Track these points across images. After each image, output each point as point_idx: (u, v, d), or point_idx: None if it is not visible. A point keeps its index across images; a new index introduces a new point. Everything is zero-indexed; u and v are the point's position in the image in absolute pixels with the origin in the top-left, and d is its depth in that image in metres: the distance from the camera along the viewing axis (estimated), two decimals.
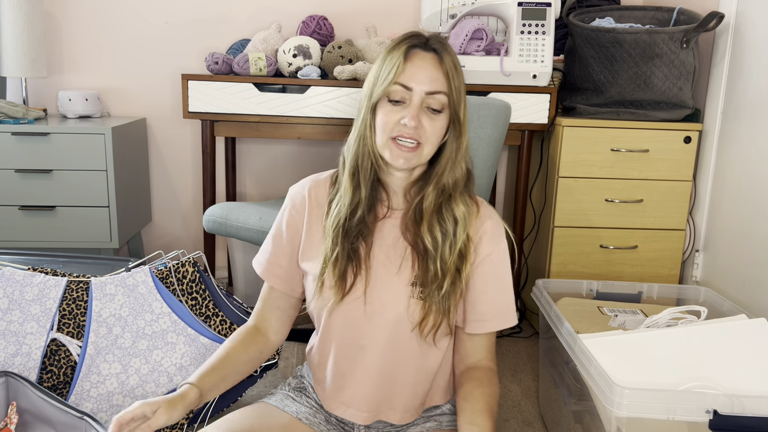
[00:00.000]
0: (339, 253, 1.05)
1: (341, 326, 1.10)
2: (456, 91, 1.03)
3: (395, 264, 1.07)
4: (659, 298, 1.70)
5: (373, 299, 1.07)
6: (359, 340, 1.09)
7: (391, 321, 1.06)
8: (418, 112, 1.01)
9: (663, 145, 2.01)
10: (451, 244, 1.05)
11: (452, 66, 1.03)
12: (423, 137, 1.02)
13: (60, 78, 2.49)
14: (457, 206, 1.07)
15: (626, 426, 1.10)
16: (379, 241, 1.09)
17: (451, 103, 1.03)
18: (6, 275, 1.55)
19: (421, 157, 1.04)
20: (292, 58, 2.07)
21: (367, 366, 1.10)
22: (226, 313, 1.65)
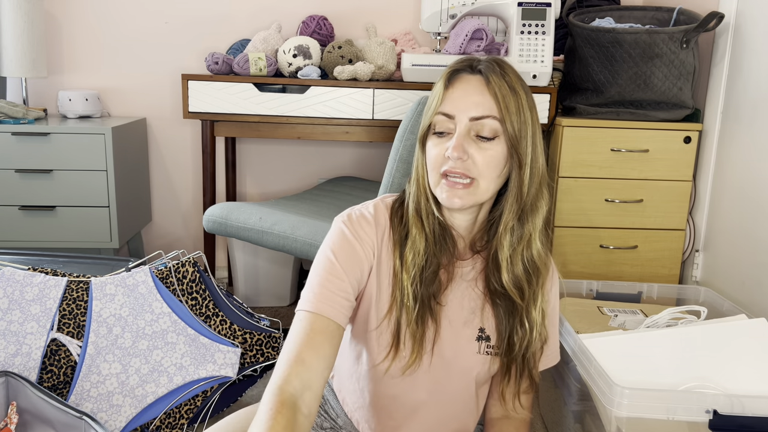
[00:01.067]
0: (418, 312, 0.92)
1: (399, 384, 0.99)
2: (512, 114, 0.90)
3: (463, 318, 0.98)
4: (659, 298, 1.70)
5: (441, 354, 0.98)
6: (415, 396, 1.00)
7: (456, 376, 1.00)
8: (462, 141, 0.89)
9: (663, 145, 2.01)
10: (535, 296, 0.96)
11: (505, 87, 0.91)
12: (474, 171, 0.90)
13: (60, 78, 2.49)
14: (535, 251, 0.95)
15: (626, 426, 1.10)
16: (451, 296, 0.98)
17: (506, 129, 0.90)
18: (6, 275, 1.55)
19: (477, 195, 0.91)
20: (292, 58, 2.07)
21: (421, 421, 1.03)
22: (226, 313, 1.65)
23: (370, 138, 2.11)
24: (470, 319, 0.99)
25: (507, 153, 0.91)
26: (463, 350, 0.99)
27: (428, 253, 0.94)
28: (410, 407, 1.01)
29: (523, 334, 0.96)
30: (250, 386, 1.66)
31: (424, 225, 0.95)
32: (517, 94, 0.92)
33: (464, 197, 0.91)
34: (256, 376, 1.62)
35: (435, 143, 0.93)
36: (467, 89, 0.92)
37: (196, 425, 1.54)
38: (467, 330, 0.99)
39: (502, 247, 0.94)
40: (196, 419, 1.54)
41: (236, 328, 1.63)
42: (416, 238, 0.95)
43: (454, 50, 2.09)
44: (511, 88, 0.92)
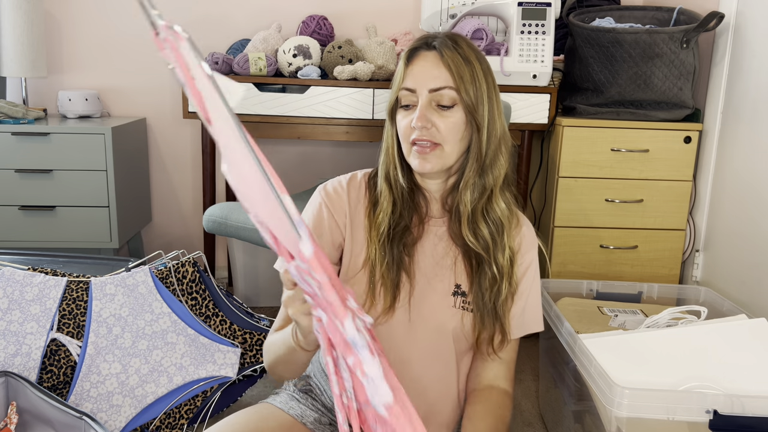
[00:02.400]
0: (389, 262, 1.01)
1: (383, 338, 1.04)
2: (466, 83, 0.98)
3: (437, 273, 1.04)
4: (659, 298, 1.70)
5: (418, 309, 1.03)
6: (401, 353, 1.04)
7: (433, 332, 1.03)
8: (424, 112, 0.98)
9: (663, 145, 2.00)
10: (502, 246, 1.02)
11: (459, 59, 0.99)
12: (438, 137, 0.99)
13: (60, 78, 2.49)
14: (500, 206, 1.03)
15: (626, 426, 1.10)
16: (421, 251, 1.05)
17: (463, 98, 0.98)
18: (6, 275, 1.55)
19: (444, 158, 1.00)
20: (292, 58, 2.07)
21: (409, 379, 1.05)
22: (226, 313, 1.65)
23: (370, 138, 2.11)
24: (444, 275, 1.04)
25: (466, 118, 1.00)
26: (438, 305, 1.03)
27: (397, 213, 1.03)
28: (398, 365, 1.05)
29: (492, 282, 1.02)
30: (250, 386, 1.65)
31: (392, 189, 1.04)
32: (471, 64, 1.00)
33: (433, 161, 0.99)
34: (256, 376, 1.62)
35: (402, 116, 1.02)
36: (425, 65, 1.00)
37: (196, 425, 1.54)
38: (442, 285, 1.04)
39: (464, 203, 1.02)
40: (196, 419, 1.54)
41: (236, 328, 1.63)
42: (385, 201, 1.04)
43: None
44: (465, 58, 1.00)
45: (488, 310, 1.02)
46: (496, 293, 1.01)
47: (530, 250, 1.08)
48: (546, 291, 1.61)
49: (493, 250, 1.02)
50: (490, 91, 1.01)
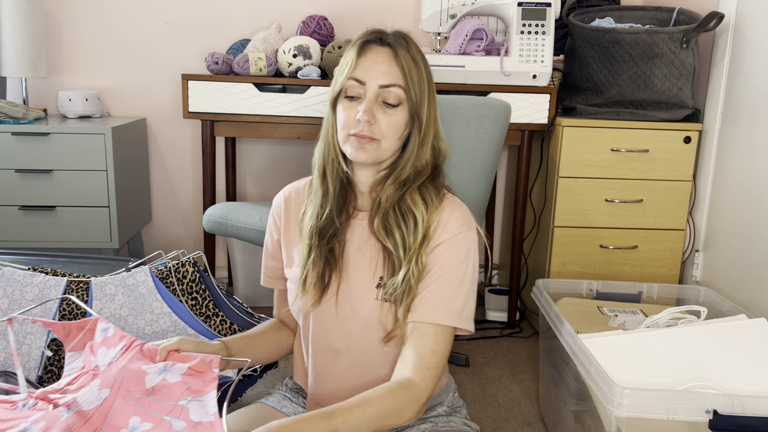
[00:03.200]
0: (316, 255, 1.05)
1: (315, 329, 1.09)
2: (415, 84, 1.00)
3: (362, 266, 1.05)
4: (659, 298, 1.70)
5: (345, 301, 1.06)
6: (332, 343, 1.08)
7: (360, 324, 1.05)
8: (371, 106, 0.99)
9: (663, 145, 2.01)
10: (412, 241, 1.00)
11: (410, 60, 1.00)
12: (378, 133, 1.00)
13: (60, 78, 2.49)
14: (414, 201, 1.02)
15: (626, 426, 1.10)
16: (350, 243, 1.07)
17: (410, 98, 1.00)
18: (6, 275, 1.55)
19: (380, 152, 1.01)
20: (292, 58, 2.07)
21: (341, 370, 1.09)
22: (226, 313, 1.65)
23: None
24: (370, 267, 1.05)
25: (408, 118, 1.02)
26: (364, 296, 1.05)
27: (326, 207, 1.06)
28: (330, 355, 1.09)
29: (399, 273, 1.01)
30: (250, 386, 1.65)
31: (327, 178, 1.06)
32: (419, 66, 1.01)
33: (369, 151, 1.00)
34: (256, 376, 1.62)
35: (346, 106, 1.02)
36: (377, 59, 1.00)
37: None
38: (366, 277, 1.05)
39: (386, 197, 1.03)
40: None
41: (236, 328, 1.63)
42: (316, 192, 1.07)
43: (454, 50, 2.09)
44: (414, 60, 1.01)
45: (399, 301, 1.01)
46: (404, 284, 0.99)
47: (444, 233, 1.02)
48: (546, 291, 1.61)
49: (402, 243, 1.01)
50: (431, 95, 1.04)
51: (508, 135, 2.10)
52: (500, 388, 1.83)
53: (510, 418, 1.66)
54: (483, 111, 1.72)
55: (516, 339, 2.18)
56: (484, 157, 1.74)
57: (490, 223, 2.63)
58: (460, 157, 1.68)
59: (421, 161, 1.04)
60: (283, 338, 1.22)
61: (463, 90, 2.04)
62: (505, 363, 1.99)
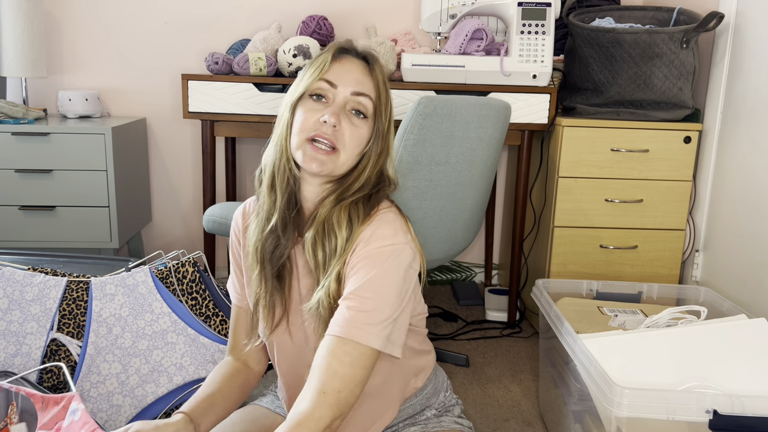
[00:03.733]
0: (264, 280, 1.00)
1: (279, 357, 1.08)
2: (383, 103, 0.98)
3: (309, 290, 1.00)
4: (659, 298, 1.70)
5: (296, 330, 1.03)
6: (297, 370, 1.06)
7: (314, 349, 1.01)
8: (339, 111, 0.94)
9: (663, 145, 2.01)
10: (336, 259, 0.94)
11: (382, 80, 0.99)
12: (341, 142, 0.94)
13: (60, 78, 2.49)
14: (339, 220, 0.94)
15: (626, 426, 1.10)
16: (297, 269, 1.01)
17: (378, 113, 0.97)
18: (6, 275, 1.55)
19: (336, 165, 0.95)
20: (292, 58, 2.07)
21: None
22: (226, 313, 1.65)
23: None
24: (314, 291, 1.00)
25: (370, 135, 0.98)
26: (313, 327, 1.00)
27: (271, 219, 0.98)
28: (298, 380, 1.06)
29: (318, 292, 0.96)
30: None
31: (276, 188, 0.99)
32: (387, 90, 1.01)
33: (324, 162, 0.94)
34: None
35: (309, 107, 0.96)
36: (352, 67, 0.98)
37: None
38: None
39: (323, 212, 0.96)
40: None
41: None
42: (263, 205, 1.01)
43: (454, 50, 2.09)
44: (385, 82, 1.00)
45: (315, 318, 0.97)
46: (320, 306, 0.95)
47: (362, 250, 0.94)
48: (546, 291, 1.61)
49: (324, 262, 0.96)
50: (391, 121, 1.02)
51: (508, 135, 2.10)
52: (500, 388, 1.83)
53: (510, 418, 1.66)
54: (483, 111, 1.72)
55: (516, 339, 2.18)
56: (484, 157, 1.74)
57: (490, 223, 2.63)
58: (460, 157, 1.68)
59: (360, 181, 0.98)
60: (244, 383, 1.11)
61: (463, 90, 2.04)
62: (505, 363, 1.99)
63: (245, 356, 1.13)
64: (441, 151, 1.62)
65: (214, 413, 1.03)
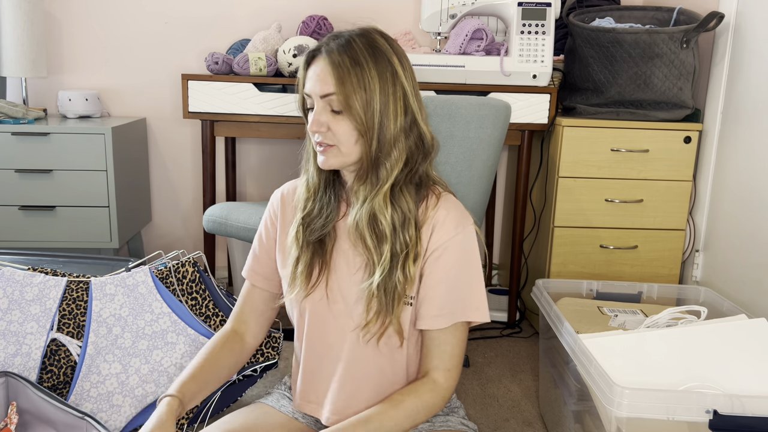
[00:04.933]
0: (305, 249, 1.07)
1: (309, 323, 1.10)
2: (348, 88, 0.97)
3: (351, 263, 1.07)
4: (659, 298, 1.70)
5: (336, 298, 1.07)
6: (326, 339, 1.09)
7: (355, 319, 1.05)
8: (318, 117, 1.00)
9: (663, 145, 2.01)
10: (390, 239, 1.01)
11: (344, 63, 0.97)
12: (333, 139, 1.01)
13: (60, 78, 2.49)
14: (385, 208, 1.01)
15: (626, 426, 1.10)
16: (341, 239, 1.08)
17: (348, 103, 0.98)
18: (6, 275, 1.55)
19: (343, 156, 1.02)
20: (292, 58, 2.07)
21: (335, 367, 1.09)
22: (226, 313, 1.65)
23: None
24: (358, 265, 1.06)
25: (357, 120, 0.99)
26: (354, 292, 1.06)
27: (315, 203, 1.08)
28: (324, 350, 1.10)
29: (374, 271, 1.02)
30: (250, 386, 1.66)
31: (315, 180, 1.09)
32: (360, 66, 0.98)
33: (332, 158, 1.02)
34: (256, 376, 1.62)
35: (307, 119, 1.05)
36: (316, 70, 1.01)
37: (196, 425, 1.54)
38: (357, 282, 1.06)
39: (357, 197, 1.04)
40: (196, 419, 1.54)
41: None
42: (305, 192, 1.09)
43: (454, 50, 2.09)
44: (354, 61, 0.98)
45: (378, 298, 1.02)
46: (383, 284, 1.01)
47: (443, 234, 1.03)
48: (546, 291, 1.61)
49: (376, 247, 1.02)
50: (386, 91, 0.99)
51: (508, 135, 2.09)
52: (500, 388, 1.83)
53: (510, 418, 1.66)
54: (483, 111, 1.72)
55: (516, 339, 2.18)
56: (484, 157, 1.74)
57: (490, 223, 2.63)
58: (460, 157, 1.68)
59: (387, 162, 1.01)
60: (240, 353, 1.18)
61: (463, 90, 2.04)
62: (505, 363, 1.99)
63: (245, 328, 1.20)
64: (441, 151, 1.62)
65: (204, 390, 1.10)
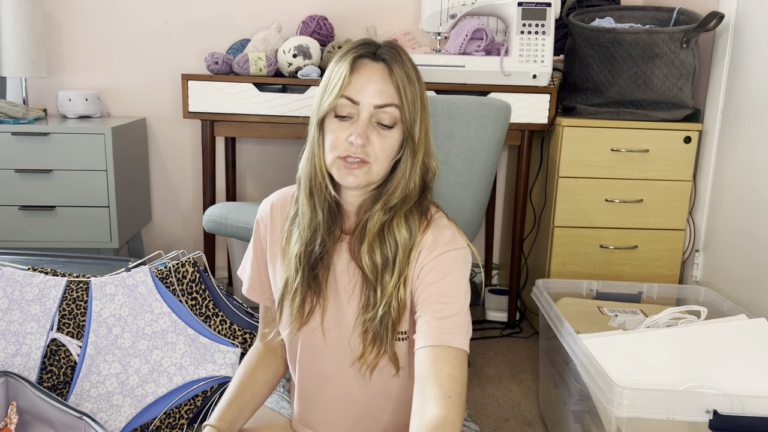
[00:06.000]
0: (299, 282, 1.00)
1: (303, 354, 1.07)
2: (410, 104, 0.94)
3: (347, 293, 1.01)
4: (659, 298, 1.70)
5: (331, 329, 1.03)
6: (321, 368, 1.06)
7: (347, 352, 1.02)
8: (365, 129, 0.92)
9: (663, 145, 2.00)
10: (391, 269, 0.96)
11: (404, 77, 0.94)
12: (372, 156, 0.93)
13: (60, 78, 2.49)
14: (399, 227, 0.97)
15: (626, 426, 1.10)
16: (335, 266, 1.02)
17: (404, 118, 0.94)
18: (6, 275, 1.55)
19: (371, 176, 0.95)
20: (292, 58, 2.07)
21: (331, 395, 1.06)
22: (226, 313, 1.65)
23: None
24: (352, 290, 1.01)
25: (401, 139, 0.96)
26: (350, 326, 1.01)
27: (314, 228, 1.00)
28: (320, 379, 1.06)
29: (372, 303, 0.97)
30: None
31: (315, 201, 0.99)
32: (413, 83, 0.95)
33: (359, 176, 0.94)
34: None
35: (336, 126, 0.95)
36: (371, 77, 0.93)
37: (196, 425, 1.54)
38: (352, 312, 1.01)
39: (373, 221, 0.97)
40: (196, 419, 1.54)
41: (236, 328, 1.63)
42: (304, 214, 1.00)
43: (454, 50, 2.09)
44: (409, 77, 0.95)
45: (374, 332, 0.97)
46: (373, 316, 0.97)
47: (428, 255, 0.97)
48: (546, 291, 1.61)
49: (382, 272, 0.97)
50: (424, 111, 0.98)
51: (508, 135, 2.09)
52: (500, 388, 1.83)
53: (510, 418, 1.66)
54: (483, 111, 1.71)
55: (516, 339, 2.18)
56: (484, 157, 1.74)
57: (490, 223, 2.62)
58: (460, 157, 1.68)
59: (410, 184, 0.98)
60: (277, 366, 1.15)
61: (463, 90, 2.04)
62: (505, 363, 1.99)
63: (272, 342, 1.15)
64: (441, 151, 1.62)
65: (244, 416, 1.08)
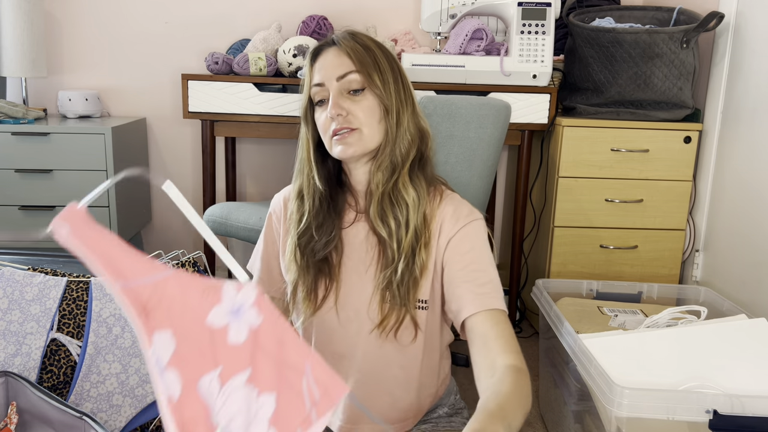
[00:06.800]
0: (306, 268, 1.04)
1: (318, 337, 1.09)
2: (369, 66, 0.99)
3: (364, 266, 1.04)
4: (659, 298, 1.70)
5: (346, 307, 1.05)
6: (336, 348, 1.07)
7: (366, 323, 1.04)
8: (337, 100, 0.99)
9: (663, 145, 2.00)
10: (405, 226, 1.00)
11: (357, 46, 1.01)
12: (355, 122, 0.99)
13: (60, 78, 2.49)
14: (406, 189, 1.01)
15: (626, 426, 1.10)
16: (350, 247, 1.06)
17: (370, 80, 0.99)
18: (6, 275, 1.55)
19: (364, 141, 1.00)
20: (292, 58, 2.07)
21: (343, 372, 1.08)
22: None
23: None
24: (366, 261, 1.04)
25: (379, 101, 1.01)
26: (365, 294, 1.04)
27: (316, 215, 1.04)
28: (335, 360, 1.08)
29: (395, 256, 1.00)
30: None
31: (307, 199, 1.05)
32: (371, 50, 1.02)
33: (353, 144, 0.99)
34: None
35: (319, 113, 1.03)
36: (327, 58, 1.02)
37: None
38: (367, 278, 1.04)
39: (375, 183, 1.02)
40: None
41: None
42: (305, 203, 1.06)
43: (454, 50, 2.09)
44: (364, 46, 1.02)
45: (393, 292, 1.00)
46: (393, 272, 1.00)
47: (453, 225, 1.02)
48: (546, 291, 1.61)
49: (396, 232, 1.00)
50: (396, 74, 1.02)
51: (508, 135, 2.09)
52: None
53: None
54: (483, 111, 1.72)
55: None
56: (484, 157, 1.74)
57: (490, 223, 2.62)
58: (460, 157, 1.68)
59: (402, 143, 1.01)
60: None
61: (463, 90, 2.04)
62: None
63: None
64: (441, 151, 1.62)
65: None
